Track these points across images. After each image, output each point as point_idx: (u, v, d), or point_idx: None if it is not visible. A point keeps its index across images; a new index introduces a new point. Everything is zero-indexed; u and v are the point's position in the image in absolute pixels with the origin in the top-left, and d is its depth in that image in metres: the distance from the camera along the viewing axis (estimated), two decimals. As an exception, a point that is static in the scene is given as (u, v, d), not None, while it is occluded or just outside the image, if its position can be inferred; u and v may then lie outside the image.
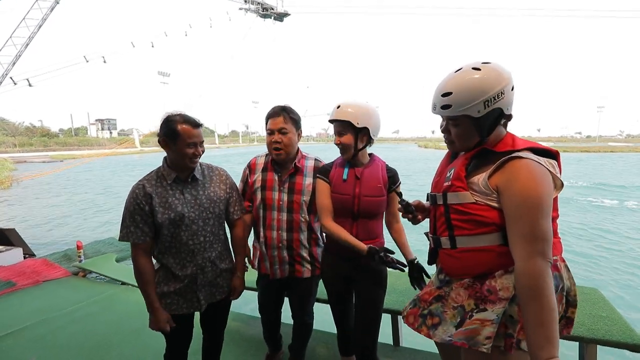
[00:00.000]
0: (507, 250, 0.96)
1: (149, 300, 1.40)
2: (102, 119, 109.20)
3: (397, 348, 2.28)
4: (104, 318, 2.88)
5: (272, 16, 23.75)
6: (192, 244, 1.43)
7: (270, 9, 23.50)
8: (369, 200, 1.51)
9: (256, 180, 1.72)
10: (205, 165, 1.56)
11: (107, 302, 3.22)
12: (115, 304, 3.18)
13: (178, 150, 1.38)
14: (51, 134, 75.02)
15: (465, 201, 1.01)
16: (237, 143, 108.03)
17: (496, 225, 0.97)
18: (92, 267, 4.21)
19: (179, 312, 1.47)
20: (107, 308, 3.09)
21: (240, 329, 2.56)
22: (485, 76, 0.96)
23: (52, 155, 44.67)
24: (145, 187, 1.38)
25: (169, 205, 1.38)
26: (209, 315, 1.60)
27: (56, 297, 3.45)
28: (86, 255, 4.58)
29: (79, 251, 4.39)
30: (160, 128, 1.39)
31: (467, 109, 0.98)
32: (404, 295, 2.23)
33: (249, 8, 23.14)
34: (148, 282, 1.40)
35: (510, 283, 0.96)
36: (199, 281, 1.47)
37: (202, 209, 1.45)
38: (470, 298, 1.03)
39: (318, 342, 2.31)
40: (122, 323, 2.76)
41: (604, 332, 1.65)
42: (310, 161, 1.74)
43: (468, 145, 1.07)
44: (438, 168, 1.25)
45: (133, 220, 1.36)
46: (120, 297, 3.35)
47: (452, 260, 1.09)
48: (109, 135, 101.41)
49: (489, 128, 1.01)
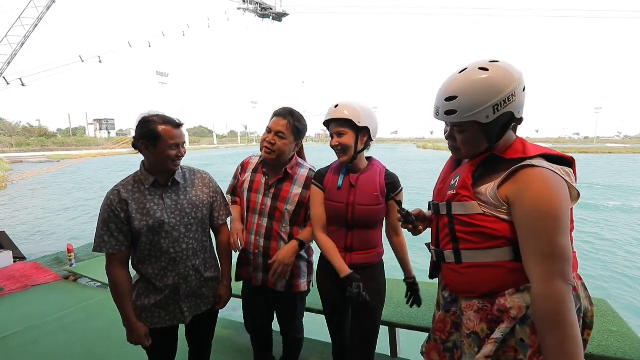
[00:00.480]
0: (519, 266, 0.86)
1: (125, 314, 1.32)
2: (100, 119, 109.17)
3: (395, 359, 2.19)
4: (93, 325, 2.79)
5: (270, 16, 23.69)
6: (174, 252, 1.34)
7: (269, 8, 23.44)
8: (363, 209, 1.41)
9: (245, 180, 1.65)
10: (186, 168, 1.48)
11: (97, 308, 3.13)
12: (105, 310, 3.08)
13: (159, 153, 1.30)
14: (49, 134, 74.70)
15: (472, 212, 0.92)
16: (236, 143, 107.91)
17: (506, 239, 0.88)
18: (83, 272, 4.11)
19: (161, 326, 1.38)
20: (97, 314, 3.00)
21: (231, 337, 2.47)
22: (494, 77, 0.86)
23: (50, 155, 44.50)
24: (121, 192, 1.30)
25: (147, 212, 1.30)
26: (195, 327, 1.52)
27: (46, 302, 3.37)
28: (78, 259, 4.48)
29: (69, 255, 4.28)
30: (137, 130, 1.31)
31: (475, 114, 0.88)
32: (402, 306, 2.14)
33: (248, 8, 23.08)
34: (123, 294, 1.31)
35: (523, 302, 0.87)
36: (181, 291, 1.38)
37: (184, 214, 1.37)
38: (483, 322, 0.93)
39: (312, 353, 2.22)
40: (111, 331, 2.66)
41: (615, 349, 1.56)
42: (305, 170, 1.63)
43: (475, 152, 0.97)
44: (441, 174, 1.16)
45: (107, 229, 1.28)
46: (110, 303, 3.16)
47: (457, 276, 0.99)
48: (107, 135, 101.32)
49: (499, 133, 0.92)
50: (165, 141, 1.29)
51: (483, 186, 0.92)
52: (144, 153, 1.33)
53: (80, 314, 3.01)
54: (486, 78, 0.86)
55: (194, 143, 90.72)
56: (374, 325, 1.51)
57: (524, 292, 0.87)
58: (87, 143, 68.90)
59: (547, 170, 0.83)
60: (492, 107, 0.86)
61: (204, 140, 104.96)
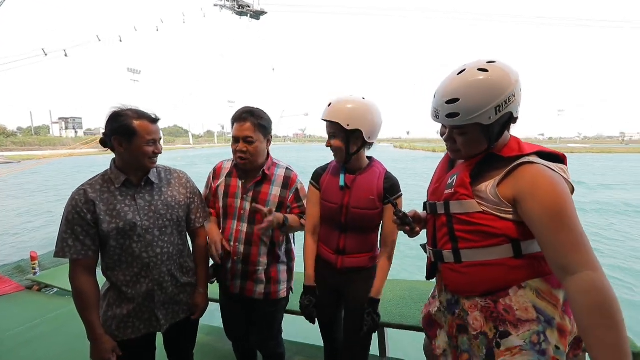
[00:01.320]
0: (520, 263, 0.86)
1: (90, 326, 1.21)
2: (66, 117, 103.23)
3: (384, 359, 2.18)
4: (62, 338, 2.57)
5: (248, 14, 23.31)
6: (147, 256, 1.25)
7: (247, 6, 23.06)
8: (357, 213, 1.37)
9: (219, 185, 1.56)
10: (162, 167, 1.39)
11: (65, 320, 2.89)
12: (73, 321, 2.83)
13: (135, 150, 1.21)
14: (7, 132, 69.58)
15: (471, 210, 0.91)
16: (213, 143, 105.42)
17: (507, 236, 0.88)
18: (49, 280, 3.81)
19: (136, 336, 1.28)
20: (64, 327, 2.76)
21: (213, 344, 2.36)
22: (494, 78, 0.86)
23: (8, 155, 41.44)
24: (88, 192, 1.20)
25: (117, 213, 1.21)
26: (173, 336, 1.42)
27: (6, 315, 3.08)
28: (42, 267, 4.17)
29: (33, 263, 3.96)
30: (108, 125, 1.20)
31: (478, 116, 0.87)
32: (392, 306, 2.14)
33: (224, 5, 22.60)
34: (89, 305, 1.20)
35: (529, 302, 0.86)
36: (156, 299, 1.29)
37: (158, 216, 1.28)
38: (489, 321, 0.92)
39: (301, 356, 2.17)
40: (82, 344, 2.43)
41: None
42: (282, 170, 1.57)
43: (475, 153, 0.96)
44: (435, 174, 1.14)
45: (72, 232, 1.17)
46: (80, 313, 3.04)
47: (457, 276, 0.98)
48: (74, 134, 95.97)
49: (498, 134, 0.92)
50: (141, 137, 1.20)
51: (482, 184, 0.91)
52: (117, 150, 1.22)
53: (47, 327, 2.77)
54: (487, 79, 0.86)
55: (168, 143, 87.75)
56: None
57: (526, 289, 0.87)
58: (52, 143, 64.86)
59: (545, 167, 0.84)
60: (495, 108, 0.86)
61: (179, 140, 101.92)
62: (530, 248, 0.88)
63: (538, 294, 0.87)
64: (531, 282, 0.88)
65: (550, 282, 0.88)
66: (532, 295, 0.87)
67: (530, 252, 0.89)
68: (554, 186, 0.81)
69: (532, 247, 0.88)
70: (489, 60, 0.89)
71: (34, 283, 3.83)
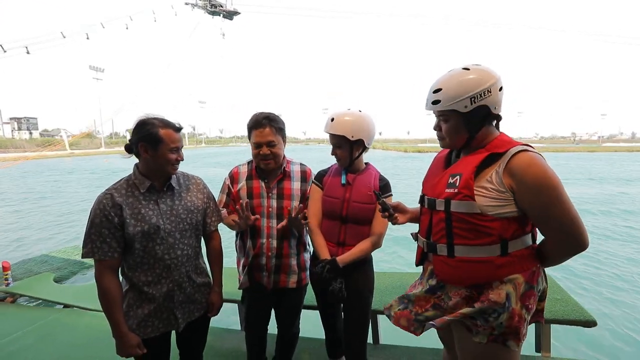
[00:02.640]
0: (505, 261, 1.01)
1: (116, 324, 1.25)
2: (19, 117, 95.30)
3: (377, 346, 2.32)
4: (46, 349, 2.47)
5: (221, 14, 22.88)
6: (169, 258, 1.31)
7: (219, 5, 22.62)
8: (357, 206, 1.54)
9: (241, 189, 1.64)
10: (180, 173, 1.46)
11: (48, 331, 2.77)
12: (58, 332, 2.75)
13: (160, 157, 1.28)
14: (-51, 134, 63.00)
15: (472, 211, 1.01)
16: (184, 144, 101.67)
17: (499, 236, 1.00)
18: (23, 291, 3.63)
19: (155, 334, 1.34)
20: (47, 338, 2.64)
21: (215, 344, 2.40)
22: (473, 75, 1.03)
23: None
24: (114, 196, 1.25)
25: (142, 217, 1.27)
26: (186, 336, 1.49)
27: (-22, 329, 2.90)
28: (15, 277, 3.96)
29: (5, 273, 3.75)
30: (135, 133, 1.27)
31: (455, 103, 1.04)
32: (385, 295, 2.30)
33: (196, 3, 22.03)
34: (114, 303, 1.25)
35: (504, 292, 1.02)
36: (175, 299, 1.35)
37: (179, 220, 1.35)
38: (467, 305, 1.07)
39: (302, 349, 2.27)
40: (69, 355, 2.39)
41: (562, 312, 1.88)
42: (297, 166, 1.72)
43: (458, 141, 1.11)
44: (431, 169, 1.26)
45: (100, 234, 1.22)
46: (63, 323, 2.91)
47: (448, 268, 1.10)
48: (29, 136, 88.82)
49: (478, 125, 1.07)
50: (166, 144, 1.27)
51: (486, 176, 1.01)
52: (142, 156, 1.29)
53: (26, 340, 2.63)
54: (466, 74, 1.04)
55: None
56: (365, 318, 1.62)
57: (507, 283, 1.02)
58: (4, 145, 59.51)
59: (536, 153, 0.99)
60: (470, 98, 1.02)
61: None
62: (516, 246, 1.01)
63: (515, 286, 1.01)
64: (512, 277, 1.02)
65: (525, 276, 1.02)
66: (510, 287, 1.02)
67: (515, 250, 1.01)
68: (546, 168, 0.95)
69: (517, 245, 1.01)
70: (475, 63, 1.08)
71: (7, 294, 3.63)
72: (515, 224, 1.01)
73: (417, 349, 2.22)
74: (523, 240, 1.03)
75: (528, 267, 1.03)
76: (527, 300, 1.02)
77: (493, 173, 1.01)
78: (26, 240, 7.28)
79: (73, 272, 4.53)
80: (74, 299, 3.37)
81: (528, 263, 1.04)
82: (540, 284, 1.07)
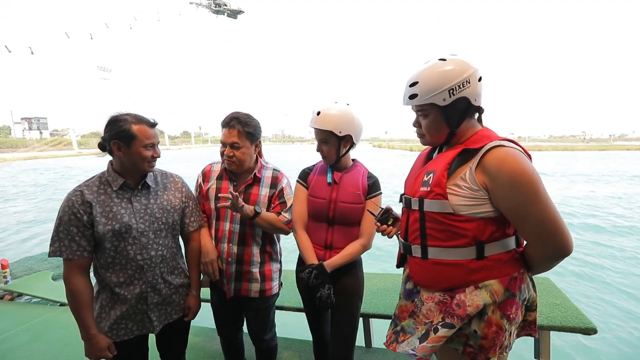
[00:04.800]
0: (480, 265, 0.95)
1: (84, 325, 1.22)
2: (29, 117, 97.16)
3: (370, 349, 2.28)
4: (41, 347, 2.48)
5: (225, 13, 22.94)
6: (142, 258, 1.27)
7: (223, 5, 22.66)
8: (345, 207, 1.47)
9: (210, 188, 1.59)
10: (158, 171, 1.41)
11: (44, 328, 2.79)
12: (52, 329, 2.76)
13: (134, 154, 1.24)
14: (-38, 134, 64.59)
15: (444, 210, 0.96)
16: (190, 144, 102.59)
17: (473, 238, 0.95)
18: (21, 289, 3.65)
19: (129, 337, 1.30)
20: (44, 335, 2.67)
21: (203, 344, 2.38)
22: (450, 66, 0.98)
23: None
24: (84, 193, 1.21)
25: (113, 215, 1.23)
26: (165, 338, 1.45)
27: (-24, 327, 2.92)
28: (14, 275, 3.98)
29: (4, 271, 3.78)
30: (107, 130, 1.23)
31: (433, 97, 0.98)
32: (376, 298, 2.24)
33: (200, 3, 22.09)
34: (83, 304, 1.22)
35: (481, 300, 0.95)
36: (149, 301, 1.31)
37: (154, 219, 1.31)
38: (440, 313, 1.01)
39: (289, 351, 2.23)
40: (63, 352, 2.40)
41: (560, 319, 1.79)
42: (269, 171, 1.63)
43: (438, 137, 1.05)
44: (413, 168, 1.21)
45: (67, 233, 1.19)
46: (58, 320, 2.93)
47: (421, 270, 1.06)
48: (39, 135, 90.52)
49: (458, 119, 1.01)
50: (140, 141, 1.23)
51: (460, 174, 0.95)
52: (115, 154, 1.25)
53: (22, 337, 2.66)
54: (442, 65, 0.98)
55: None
56: (353, 319, 1.56)
57: (482, 290, 0.95)
58: (14, 145, 60.76)
59: (513, 149, 0.91)
60: (448, 90, 0.97)
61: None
62: (493, 249, 0.95)
63: (491, 294, 0.94)
64: (488, 283, 0.95)
65: (504, 283, 0.95)
66: (485, 295, 0.94)
67: (492, 254, 0.95)
68: (520, 165, 0.88)
69: (495, 248, 0.95)
70: (452, 54, 1.02)
71: (6, 292, 3.65)
72: (492, 226, 0.94)
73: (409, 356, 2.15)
74: (503, 244, 0.96)
75: (507, 272, 0.96)
76: (507, 310, 0.95)
77: (467, 170, 0.94)
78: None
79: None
80: (70, 297, 3.38)
81: (508, 268, 0.96)
82: (524, 292, 0.98)
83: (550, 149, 56.84)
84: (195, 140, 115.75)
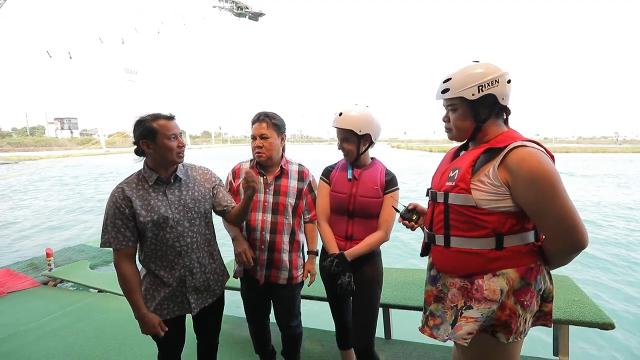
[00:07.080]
0: (499, 255, 1.02)
1: (136, 307, 1.36)
2: (61, 117, 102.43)
3: (389, 341, 2.36)
4: (81, 329, 2.72)
5: (247, 15, 23.44)
6: (179, 245, 1.41)
7: (245, 7, 23.17)
8: (364, 201, 1.58)
9: (241, 184, 1.72)
10: (188, 165, 1.55)
11: (84, 312, 3.05)
12: (93, 313, 3.02)
13: (160, 147, 1.35)
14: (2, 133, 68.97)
15: (467, 204, 1.04)
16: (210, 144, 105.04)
17: (493, 230, 1.01)
18: (64, 276, 3.98)
19: (170, 316, 1.45)
20: (84, 318, 2.92)
21: (232, 331, 2.53)
22: (481, 66, 1.08)
23: (5, 157, 41.16)
24: (125, 190, 1.35)
25: (151, 208, 1.36)
26: (202, 320, 1.59)
27: (24, 309, 3.22)
28: (56, 264, 4.31)
29: (49, 259, 4.11)
30: (135, 133, 1.36)
31: (462, 91, 1.07)
32: (396, 290, 2.31)
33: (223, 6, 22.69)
34: (133, 288, 1.35)
35: (497, 286, 1.02)
36: (187, 284, 1.45)
37: (187, 209, 1.43)
38: (463, 298, 1.09)
39: (312, 340, 2.34)
40: (104, 333, 2.63)
41: (578, 314, 1.83)
42: (295, 166, 1.78)
43: (465, 131, 1.13)
44: (440, 165, 1.29)
45: (114, 225, 1.33)
46: (98, 305, 3.19)
47: (444, 258, 1.14)
48: (70, 135, 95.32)
49: (485, 115, 1.09)
50: (162, 134, 1.34)
51: (484, 171, 1.02)
52: (147, 153, 1.37)
53: (67, 319, 2.92)
54: (474, 66, 1.09)
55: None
56: (373, 306, 1.65)
57: (499, 277, 1.02)
58: (47, 143, 64.44)
59: (534, 149, 0.98)
60: (477, 86, 1.05)
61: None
62: (512, 241, 1.01)
63: (508, 281, 1.01)
64: (505, 272, 1.02)
65: (520, 272, 1.01)
66: (502, 282, 1.01)
67: (511, 245, 1.01)
68: (541, 162, 0.94)
69: (513, 240, 1.01)
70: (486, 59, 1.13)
71: (50, 279, 3.99)
72: (512, 219, 1.01)
73: (428, 345, 2.22)
74: (522, 237, 1.03)
75: (524, 263, 1.03)
76: (522, 297, 1.02)
77: (490, 168, 1.02)
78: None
79: (106, 261, 4.87)
80: (106, 284, 3.66)
81: (525, 259, 1.03)
82: (540, 282, 1.05)
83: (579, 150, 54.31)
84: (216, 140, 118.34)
